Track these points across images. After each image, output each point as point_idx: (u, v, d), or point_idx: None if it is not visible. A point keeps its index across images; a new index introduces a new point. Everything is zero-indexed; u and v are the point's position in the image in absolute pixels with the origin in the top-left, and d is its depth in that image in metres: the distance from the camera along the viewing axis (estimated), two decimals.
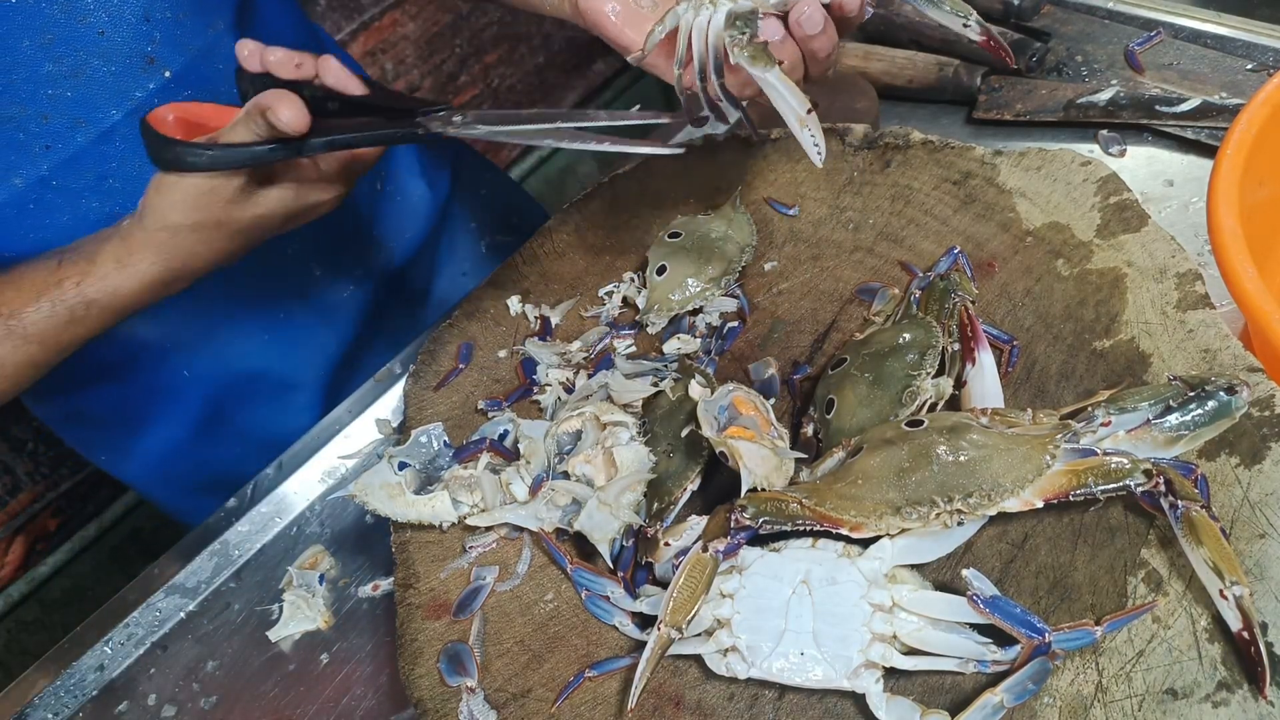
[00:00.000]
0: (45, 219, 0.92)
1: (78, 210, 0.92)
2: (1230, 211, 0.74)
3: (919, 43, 1.23)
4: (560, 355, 0.98)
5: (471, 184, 1.38)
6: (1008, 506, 0.68)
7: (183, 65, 0.92)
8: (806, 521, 0.71)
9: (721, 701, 0.71)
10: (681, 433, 0.82)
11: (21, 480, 2.11)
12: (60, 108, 0.88)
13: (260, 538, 1.01)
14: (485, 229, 1.37)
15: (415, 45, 2.36)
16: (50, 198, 0.91)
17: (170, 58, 0.91)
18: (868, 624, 0.68)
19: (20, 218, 0.91)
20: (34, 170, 0.89)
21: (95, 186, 0.92)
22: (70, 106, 0.88)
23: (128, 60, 0.89)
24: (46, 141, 0.89)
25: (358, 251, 1.19)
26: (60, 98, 0.88)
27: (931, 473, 0.68)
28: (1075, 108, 1.09)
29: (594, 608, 0.77)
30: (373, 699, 0.86)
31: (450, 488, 0.85)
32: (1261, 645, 0.61)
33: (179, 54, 0.92)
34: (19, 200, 0.90)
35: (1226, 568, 0.62)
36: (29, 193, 0.90)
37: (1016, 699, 0.63)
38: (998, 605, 0.65)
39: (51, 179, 0.90)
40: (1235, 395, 0.70)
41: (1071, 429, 0.70)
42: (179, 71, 0.92)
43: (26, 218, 0.91)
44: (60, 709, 0.93)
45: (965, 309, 0.83)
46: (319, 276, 1.15)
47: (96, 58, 0.88)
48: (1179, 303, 0.79)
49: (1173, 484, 0.65)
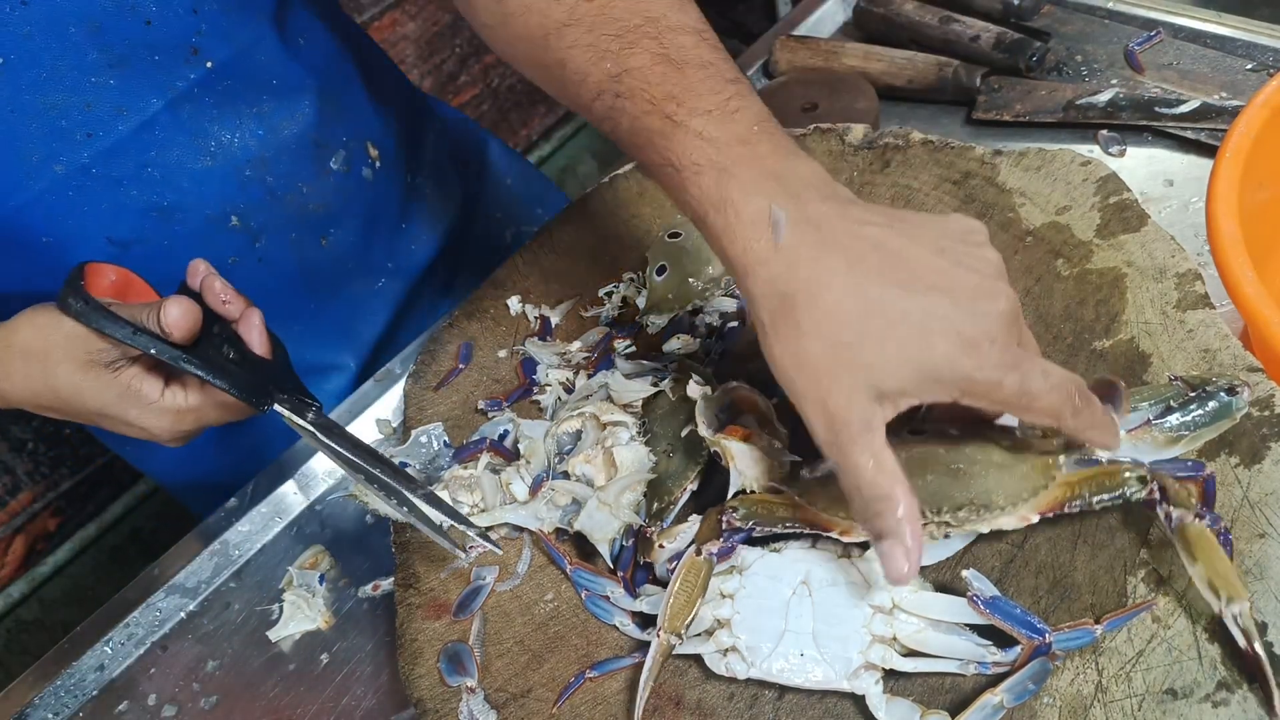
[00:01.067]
0: (85, 206, 0.92)
1: (118, 198, 0.93)
2: (1229, 214, 0.74)
3: (919, 43, 1.23)
4: (560, 355, 0.98)
5: (497, 174, 1.38)
6: (1001, 524, 0.67)
7: (226, 57, 0.93)
8: (797, 524, 0.70)
9: (721, 701, 0.71)
10: (681, 433, 0.82)
11: (21, 480, 2.11)
12: (104, 96, 0.88)
13: (260, 538, 1.01)
14: (510, 219, 1.38)
15: (415, 45, 2.36)
16: (91, 185, 0.91)
17: (214, 49, 0.92)
18: (867, 625, 0.68)
19: (60, 205, 0.91)
20: (75, 158, 0.90)
21: (135, 175, 0.93)
22: (113, 95, 0.89)
23: (173, 50, 0.90)
24: (89, 129, 0.89)
25: (389, 244, 1.19)
26: (104, 86, 0.88)
27: (925, 482, 0.66)
28: (1075, 109, 1.09)
29: (594, 608, 0.77)
30: (373, 699, 0.86)
31: (450, 488, 0.85)
32: (1268, 668, 0.59)
33: (223, 46, 0.92)
34: (60, 187, 0.90)
35: (1222, 585, 0.60)
36: (70, 179, 0.90)
37: (1017, 699, 0.63)
38: (997, 606, 0.65)
39: (92, 167, 0.90)
40: (1236, 395, 0.70)
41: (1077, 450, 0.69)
42: (221, 63, 0.93)
43: (66, 205, 0.91)
44: (60, 709, 0.93)
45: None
46: (351, 269, 1.16)
47: (143, 47, 0.88)
48: (1179, 303, 0.79)
49: (1167, 491, 0.64)
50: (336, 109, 1.05)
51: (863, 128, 1.04)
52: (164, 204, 0.95)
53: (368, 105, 1.12)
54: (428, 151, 1.24)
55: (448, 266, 1.29)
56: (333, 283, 1.15)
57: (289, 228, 1.05)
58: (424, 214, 1.23)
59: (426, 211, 1.24)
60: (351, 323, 1.20)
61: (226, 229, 1.00)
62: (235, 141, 0.97)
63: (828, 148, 1.04)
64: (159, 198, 0.95)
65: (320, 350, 1.19)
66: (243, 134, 0.97)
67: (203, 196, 0.97)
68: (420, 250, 1.23)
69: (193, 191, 0.96)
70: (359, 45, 1.14)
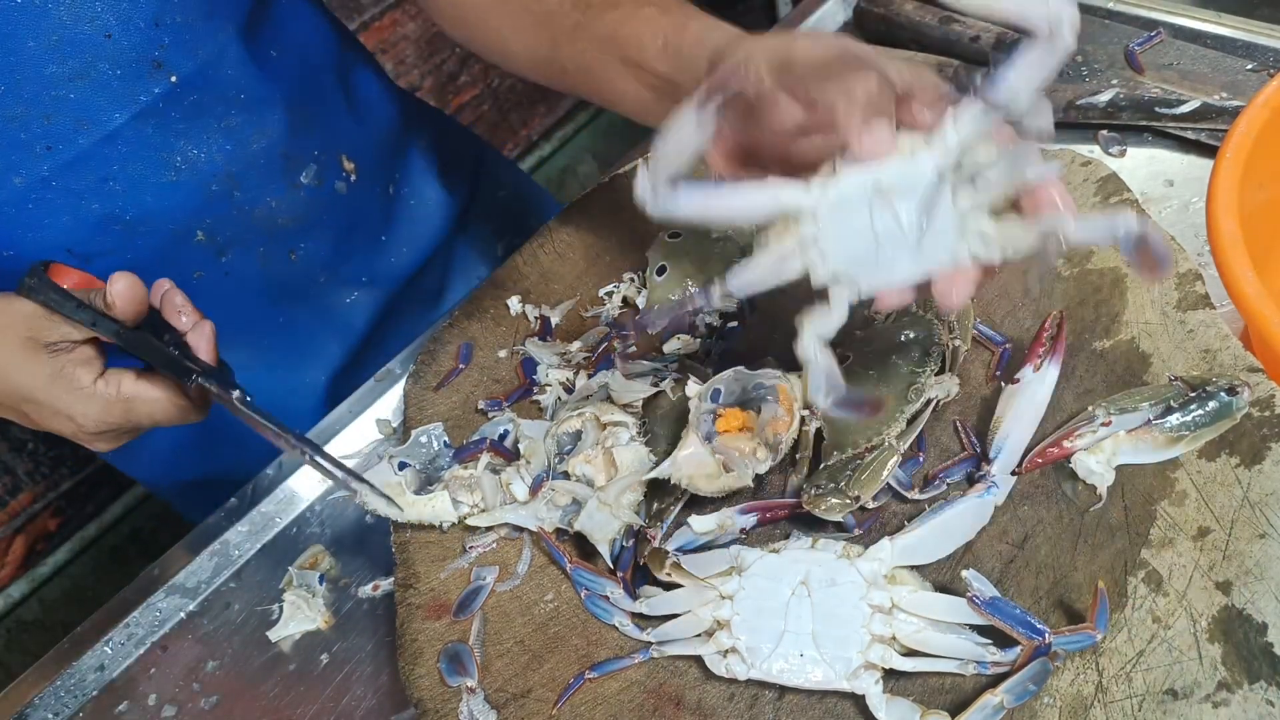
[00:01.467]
0: (45, 219, 0.91)
1: (78, 211, 0.92)
2: (1229, 215, 0.74)
3: (919, 43, 1.23)
4: (560, 355, 0.98)
5: (491, 186, 1.36)
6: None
7: (190, 70, 0.92)
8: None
9: (721, 701, 0.71)
10: (681, 433, 0.82)
11: (21, 480, 2.11)
12: (64, 109, 0.87)
13: (260, 538, 1.01)
14: (504, 230, 1.36)
15: (415, 45, 2.36)
16: (50, 198, 0.91)
17: (178, 62, 0.91)
18: (867, 625, 0.68)
19: (20, 217, 0.90)
20: (35, 170, 0.89)
21: (96, 189, 0.92)
22: (74, 108, 0.88)
23: (135, 64, 0.89)
24: (48, 142, 0.88)
25: (365, 256, 1.18)
26: (64, 99, 0.87)
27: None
28: (1075, 109, 1.09)
29: (594, 607, 0.77)
30: (373, 699, 0.86)
31: (450, 488, 0.85)
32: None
33: (187, 59, 0.91)
34: (18, 199, 0.90)
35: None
36: (29, 192, 0.90)
37: (1017, 700, 0.63)
38: (997, 606, 0.65)
39: (52, 179, 0.90)
40: (1236, 396, 0.70)
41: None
42: (186, 76, 0.92)
43: (26, 217, 0.91)
44: (60, 709, 0.93)
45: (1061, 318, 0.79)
46: (323, 283, 1.14)
47: (103, 60, 0.87)
48: (1179, 303, 0.79)
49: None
50: (308, 122, 1.04)
51: None
52: (126, 217, 0.94)
53: (345, 117, 1.11)
54: (413, 162, 1.23)
55: (436, 277, 1.28)
56: (301, 295, 1.13)
57: (257, 241, 1.04)
58: (406, 225, 1.21)
59: (409, 223, 1.22)
60: (320, 336, 1.19)
61: (191, 243, 0.99)
62: (202, 156, 0.96)
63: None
64: (121, 211, 0.94)
65: (286, 363, 1.18)
66: (209, 149, 0.96)
67: (167, 211, 0.96)
68: (401, 262, 1.22)
69: (157, 206, 0.95)
70: (341, 55, 1.13)
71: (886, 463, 0.75)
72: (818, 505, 0.74)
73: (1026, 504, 0.74)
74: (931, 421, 0.80)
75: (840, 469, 0.76)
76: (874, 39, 1.27)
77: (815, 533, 0.75)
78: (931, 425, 0.80)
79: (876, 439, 0.76)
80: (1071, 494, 0.73)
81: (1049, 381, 0.76)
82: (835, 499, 0.73)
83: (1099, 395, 0.76)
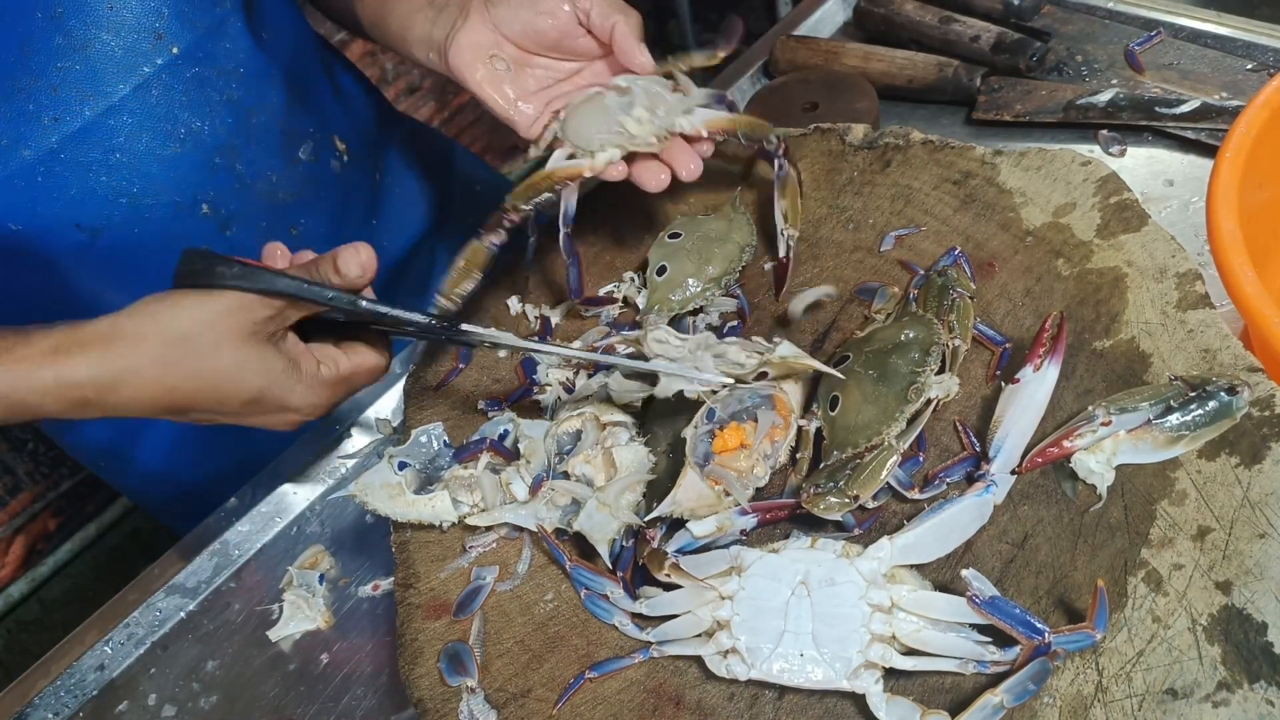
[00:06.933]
0: (54, 191, 0.92)
1: (86, 184, 0.93)
2: (1229, 215, 0.74)
3: (919, 42, 1.23)
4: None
5: (468, 181, 1.38)
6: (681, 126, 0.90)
7: (191, 42, 0.93)
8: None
9: (721, 701, 0.71)
10: (681, 433, 0.82)
11: (21, 480, 2.12)
12: (69, 80, 0.89)
13: (260, 538, 1.01)
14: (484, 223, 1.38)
15: None
16: (59, 170, 0.92)
17: (179, 33, 0.92)
18: (867, 624, 0.68)
19: (30, 189, 0.91)
20: (43, 142, 0.90)
21: (104, 161, 0.93)
22: (79, 80, 0.89)
23: (136, 35, 0.90)
24: (55, 114, 0.89)
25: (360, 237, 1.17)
26: (70, 71, 0.88)
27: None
28: (1075, 109, 1.09)
29: (593, 607, 0.77)
30: (373, 699, 0.86)
31: (450, 488, 0.85)
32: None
33: (188, 30, 0.93)
34: (28, 172, 0.90)
35: (792, 219, 0.94)
36: (38, 164, 0.91)
37: (1017, 699, 0.63)
38: (997, 606, 0.65)
39: (60, 151, 0.91)
40: (1236, 395, 0.70)
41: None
42: (187, 48, 0.93)
43: (35, 190, 0.92)
44: (60, 709, 0.93)
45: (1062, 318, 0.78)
46: None
47: (106, 32, 0.89)
48: (1179, 303, 0.79)
49: (789, 151, 0.95)
50: (304, 101, 1.06)
51: (863, 128, 1.04)
52: (133, 190, 0.95)
53: (334, 102, 1.13)
54: (394, 153, 1.25)
55: (422, 266, 1.29)
56: None
57: (259, 216, 1.05)
58: (393, 212, 1.23)
59: (396, 209, 1.24)
60: None
61: (197, 216, 1.00)
62: (205, 128, 0.97)
63: (828, 148, 1.04)
64: (128, 184, 0.95)
65: None
66: (212, 121, 0.97)
67: (172, 183, 0.97)
68: (392, 245, 1.23)
69: (162, 178, 0.96)
70: (322, 48, 1.16)
71: (886, 462, 0.75)
72: (817, 504, 0.74)
73: (1026, 503, 0.74)
74: (931, 421, 0.80)
75: (840, 468, 0.76)
76: (874, 39, 1.27)
77: (815, 532, 0.75)
78: (931, 425, 0.80)
79: (876, 438, 0.76)
80: (1071, 493, 0.73)
81: (1049, 381, 0.76)
82: (835, 498, 0.74)
83: (1099, 395, 0.76)
